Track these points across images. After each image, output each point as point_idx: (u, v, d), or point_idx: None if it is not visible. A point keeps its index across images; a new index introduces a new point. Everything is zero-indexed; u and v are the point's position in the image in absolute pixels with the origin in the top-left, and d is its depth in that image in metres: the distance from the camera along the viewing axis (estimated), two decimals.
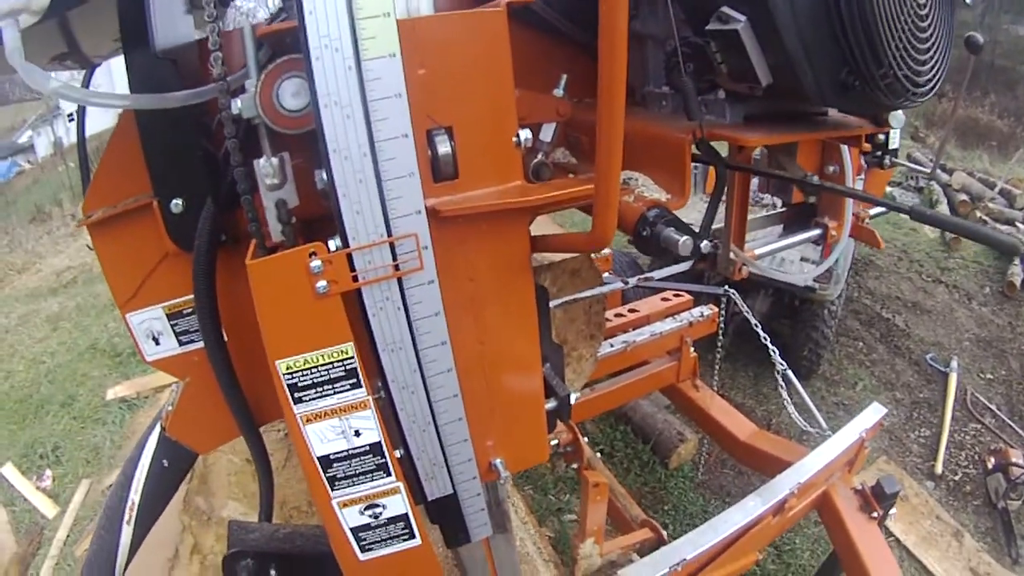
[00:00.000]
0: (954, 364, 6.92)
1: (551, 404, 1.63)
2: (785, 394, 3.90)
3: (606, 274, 4.69)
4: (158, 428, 1.88)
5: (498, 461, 1.57)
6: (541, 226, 1.49)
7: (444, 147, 1.24)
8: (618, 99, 1.12)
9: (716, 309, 4.29)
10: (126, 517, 1.98)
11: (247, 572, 1.66)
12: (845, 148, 2.33)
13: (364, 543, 1.51)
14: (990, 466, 5.55)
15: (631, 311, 4.20)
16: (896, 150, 2.38)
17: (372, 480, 1.44)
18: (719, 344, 4.28)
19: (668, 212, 1.39)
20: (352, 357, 1.31)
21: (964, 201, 11.41)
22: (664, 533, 3.00)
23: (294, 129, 1.30)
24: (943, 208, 11.27)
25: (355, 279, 1.25)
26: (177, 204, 1.47)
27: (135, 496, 1.95)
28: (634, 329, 4.05)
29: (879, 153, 1.96)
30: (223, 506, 3.17)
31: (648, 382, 4.25)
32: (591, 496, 2.80)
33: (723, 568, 3.02)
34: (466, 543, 1.69)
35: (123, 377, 6.84)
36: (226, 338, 1.56)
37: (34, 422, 6.44)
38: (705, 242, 1.41)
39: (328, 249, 1.23)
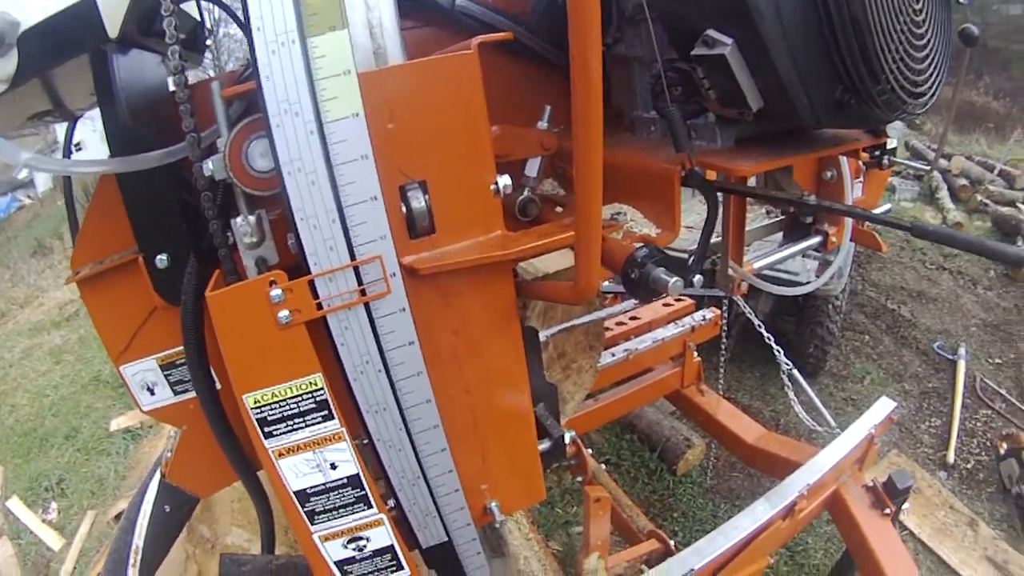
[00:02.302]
0: (962, 351, 6.87)
1: (545, 445, 1.60)
2: (792, 394, 3.86)
3: (606, 283, 4.67)
4: (158, 474, 1.85)
5: (493, 504, 1.53)
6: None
7: (418, 202, 1.19)
8: (595, 139, 1.06)
9: (719, 312, 4.24)
10: (131, 561, 1.98)
11: None
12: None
13: None
14: (1002, 452, 5.47)
15: (632, 318, 4.13)
16: (894, 150, 2.34)
17: (353, 513, 1.39)
18: (723, 347, 4.24)
19: (657, 251, 1.32)
20: (322, 389, 1.26)
21: (964, 186, 11.42)
22: (671, 543, 2.95)
23: (266, 191, 1.26)
24: (943, 195, 11.27)
25: (319, 307, 1.20)
26: (162, 259, 1.44)
27: (139, 541, 1.94)
28: (635, 337, 4.01)
29: (877, 153, 1.91)
30: (227, 533, 3.13)
31: (652, 390, 4.20)
32: (593, 511, 2.76)
33: (735, 575, 2.97)
34: None
35: (126, 407, 6.78)
36: (219, 385, 1.53)
37: (39, 455, 6.40)
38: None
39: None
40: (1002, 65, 22.20)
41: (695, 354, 4.19)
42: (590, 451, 3.28)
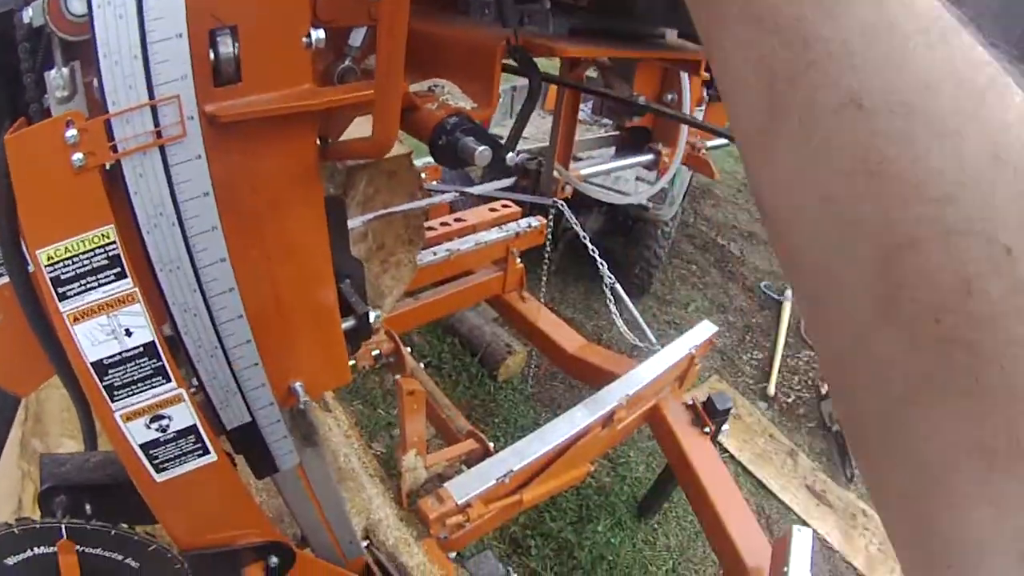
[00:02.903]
0: (788, 293, 7.23)
1: (349, 323, 1.57)
2: (613, 307, 3.97)
3: (435, 183, 4.65)
4: None
5: (297, 384, 1.49)
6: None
7: (227, 48, 1.10)
8: None
9: (544, 221, 4.29)
10: None
11: (62, 509, 1.53)
12: (685, 77, 2.32)
13: (157, 461, 1.40)
14: (823, 391, 5.88)
15: (457, 220, 4.17)
16: None
17: (152, 387, 1.32)
18: (546, 256, 4.31)
19: (469, 121, 1.29)
20: (114, 243, 1.17)
21: None
22: (490, 445, 3.00)
23: (77, 35, 1.15)
24: None
25: (114, 150, 1.12)
26: None
27: None
28: (459, 238, 4.03)
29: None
30: (59, 445, 2.96)
31: (473, 292, 4.27)
32: (407, 405, 2.78)
33: (554, 479, 3.07)
34: (274, 473, 1.63)
35: None
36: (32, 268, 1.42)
37: None
38: (524, 155, 1.34)
39: None
40: None
41: (518, 260, 4.27)
42: (409, 349, 3.28)
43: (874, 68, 0.39)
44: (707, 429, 3.52)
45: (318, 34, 1.18)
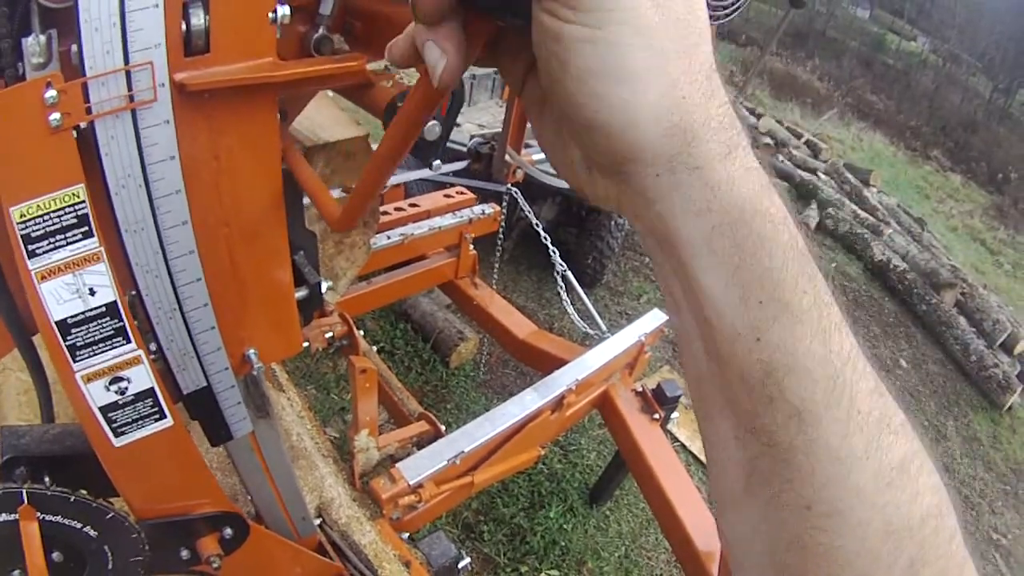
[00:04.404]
0: None
1: (302, 293, 1.61)
2: (564, 294, 4.03)
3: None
4: None
5: (251, 352, 1.53)
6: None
7: (198, 19, 1.14)
8: None
9: (498, 208, 4.35)
10: None
11: (22, 481, 1.52)
12: None
13: (116, 425, 1.43)
14: None
15: (412, 205, 4.19)
16: None
17: (112, 348, 1.34)
18: (499, 243, 4.38)
19: None
20: (83, 202, 1.20)
21: (767, 145, 12.12)
22: (442, 427, 3.03)
23: (60, 3, 1.17)
24: None
25: (89, 111, 1.15)
26: None
27: None
28: (413, 223, 4.07)
29: None
30: None
31: (426, 277, 4.31)
32: (360, 384, 2.79)
33: (505, 462, 3.11)
34: (228, 440, 1.66)
35: None
36: None
37: None
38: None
39: None
40: (835, 55, 24.04)
41: (471, 247, 4.31)
42: (362, 332, 3.29)
43: (825, 485, 0.56)
44: (656, 416, 3.58)
45: (284, 10, 1.22)
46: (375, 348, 5.18)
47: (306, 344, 3.31)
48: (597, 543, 4.37)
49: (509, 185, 4.27)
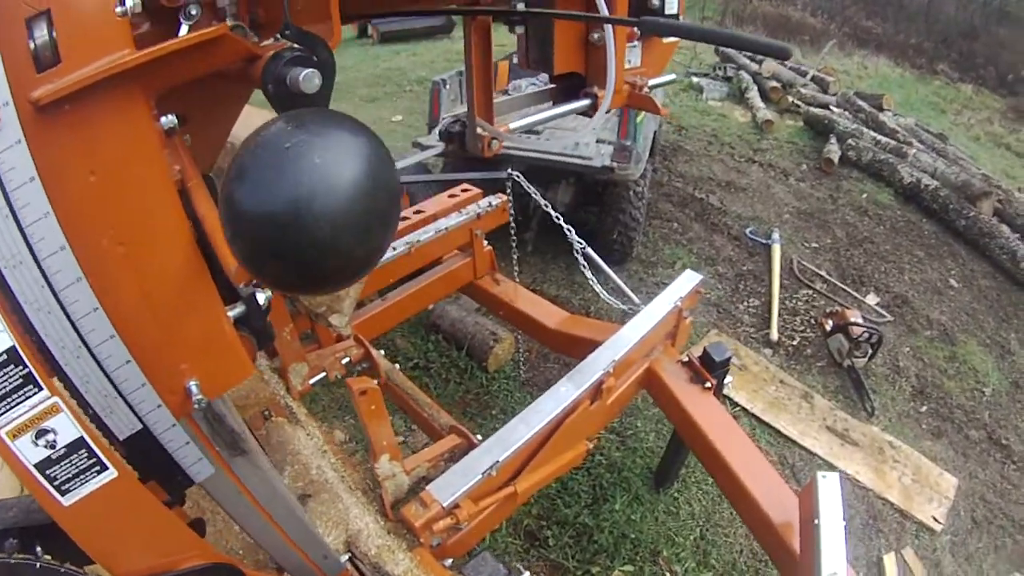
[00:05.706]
0: (776, 236, 7.14)
1: (237, 310, 1.43)
2: (588, 273, 3.82)
3: None
4: None
5: (192, 383, 1.37)
6: None
7: (42, 33, 1.06)
8: None
9: (505, 198, 4.15)
10: None
11: (14, 552, 1.47)
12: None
13: (58, 483, 1.31)
14: (828, 328, 5.72)
15: (416, 212, 3.99)
16: (676, 15, 2.22)
17: (25, 398, 1.22)
18: (512, 232, 4.20)
19: (296, 50, 1.23)
20: None
21: (775, 87, 11.88)
22: (474, 437, 2.82)
23: None
24: (753, 95, 11.72)
25: None
26: None
27: None
28: (418, 229, 3.87)
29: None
30: None
31: (444, 282, 4.09)
32: (363, 408, 2.59)
33: (549, 464, 2.89)
34: (188, 486, 1.52)
35: None
36: None
37: None
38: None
39: None
40: None
41: (484, 243, 4.10)
42: (381, 352, 3.10)
43: None
44: (708, 384, 3.31)
45: (131, 1, 1.12)
46: (411, 364, 5.03)
47: (323, 374, 3.16)
48: (669, 529, 4.13)
49: (509, 171, 4.08)
